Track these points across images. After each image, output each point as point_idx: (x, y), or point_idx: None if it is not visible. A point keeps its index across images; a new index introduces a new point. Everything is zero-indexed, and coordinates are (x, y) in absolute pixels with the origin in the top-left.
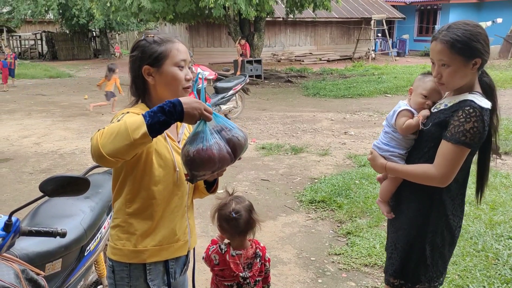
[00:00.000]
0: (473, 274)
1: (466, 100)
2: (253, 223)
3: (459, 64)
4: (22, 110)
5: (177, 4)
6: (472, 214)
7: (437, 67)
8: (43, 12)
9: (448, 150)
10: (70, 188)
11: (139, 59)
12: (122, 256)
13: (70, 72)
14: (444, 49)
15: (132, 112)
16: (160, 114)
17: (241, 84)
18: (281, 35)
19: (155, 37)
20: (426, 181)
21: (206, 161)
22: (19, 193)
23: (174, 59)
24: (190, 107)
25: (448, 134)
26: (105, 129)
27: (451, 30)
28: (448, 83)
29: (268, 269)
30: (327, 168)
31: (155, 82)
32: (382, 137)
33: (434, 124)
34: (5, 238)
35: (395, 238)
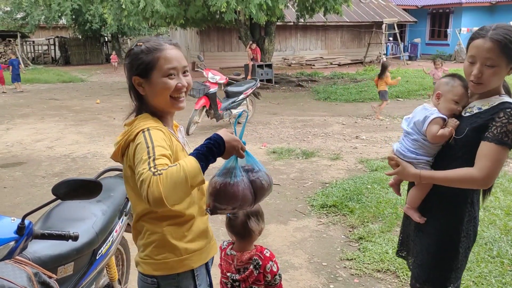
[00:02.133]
0: (488, 280)
1: (504, 102)
2: (248, 230)
3: (503, 66)
4: (35, 114)
5: (188, 9)
6: (487, 219)
7: (480, 65)
8: (57, 18)
9: (491, 151)
10: (83, 191)
11: (128, 69)
12: (169, 269)
13: (82, 77)
14: (494, 48)
15: (154, 129)
16: (211, 157)
17: (252, 89)
18: (292, 40)
19: (142, 46)
20: (468, 184)
21: (230, 196)
22: (32, 197)
23: (162, 70)
24: (230, 146)
25: (490, 135)
26: (164, 177)
27: (502, 31)
28: (487, 83)
29: (271, 282)
30: (339, 172)
31: (146, 93)
32: (409, 144)
33: (472, 129)
34: (18, 241)
35: (426, 244)
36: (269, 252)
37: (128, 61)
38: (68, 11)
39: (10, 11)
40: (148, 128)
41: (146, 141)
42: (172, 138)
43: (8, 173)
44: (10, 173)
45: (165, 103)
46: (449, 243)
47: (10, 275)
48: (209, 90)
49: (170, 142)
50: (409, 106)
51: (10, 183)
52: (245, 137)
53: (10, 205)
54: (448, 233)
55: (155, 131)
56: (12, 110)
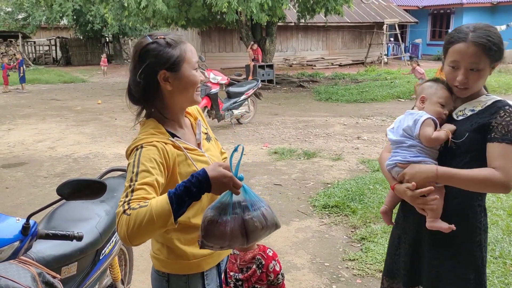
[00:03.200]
0: (491, 281)
1: (498, 101)
2: None
3: (487, 67)
4: (36, 114)
5: (189, 10)
6: (489, 220)
7: (465, 70)
8: (58, 18)
9: (506, 151)
10: (87, 191)
11: (153, 64)
12: (177, 269)
13: (83, 77)
14: (479, 52)
15: (148, 145)
16: (187, 198)
17: (254, 89)
18: (293, 40)
19: (166, 39)
20: (492, 186)
21: (216, 235)
22: (34, 197)
23: (191, 62)
24: (219, 183)
25: (498, 135)
26: (131, 218)
27: (482, 32)
28: (473, 87)
29: (274, 281)
30: (340, 173)
31: (173, 88)
32: (406, 153)
33: (473, 131)
34: (23, 241)
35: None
36: (272, 252)
37: (151, 57)
38: (70, 11)
39: (12, 11)
40: (142, 145)
41: (134, 163)
42: (169, 152)
43: (10, 173)
44: (12, 173)
45: (190, 97)
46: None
47: (15, 275)
48: (211, 91)
49: (163, 159)
50: (410, 106)
51: (12, 184)
52: (246, 138)
53: (12, 205)
54: (478, 249)
55: (147, 150)
56: (14, 111)
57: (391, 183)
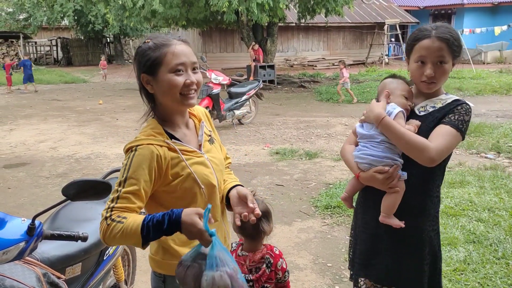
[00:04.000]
0: (494, 281)
1: (458, 99)
2: (259, 230)
3: (451, 63)
4: (38, 115)
5: (190, 10)
6: (491, 220)
7: (432, 65)
8: (59, 19)
9: (447, 132)
10: (92, 192)
11: (137, 67)
12: (172, 270)
13: (84, 77)
14: (443, 46)
15: (141, 149)
16: (158, 231)
17: (255, 89)
18: (294, 40)
19: (150, 43)
20: (418, 152)
21: (178, 277)
22: (36, 197)
23: (169, 65)
24: (188, 230)
25: (447, 119)
26: (109, 229)
27: (445, 29)
28: (440, 81)
29: (282, 279)
30: (342, 173)
31: (154, 91)
32: (375, 149)
33: (435, 124)
34: (28, 241)
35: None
36: (278, 250)
37: (136, 59)
38: (70, 12)
39: (13, 12)
40: (136, 147)
41: (126, 167)
42: (162, 155)
43: (12, 173)
44: (13, 173)
45: (174, 101)
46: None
47: (20, 276)
48: (212, 91)
49: (155, 162)
50: None
51: (14, 184)
52: (248, 138)
53: (14, 205)
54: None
55: (139, 155)
56: (15, 111)
57: (355, 171)
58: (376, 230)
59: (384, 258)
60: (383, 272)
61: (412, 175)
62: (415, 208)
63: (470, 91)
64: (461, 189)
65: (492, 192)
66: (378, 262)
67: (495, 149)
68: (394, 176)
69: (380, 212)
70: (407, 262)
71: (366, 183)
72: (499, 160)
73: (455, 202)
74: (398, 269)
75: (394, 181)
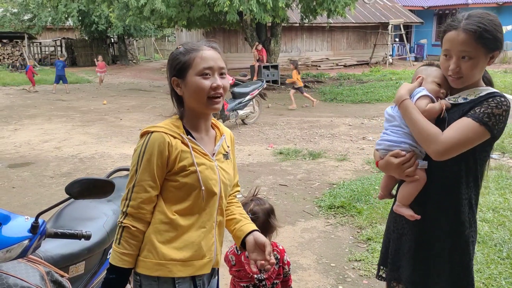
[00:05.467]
0: (498, 282)
1: (494, 92)
2: (270, 228)
3: (482, 57)
4: (42, 115)
5: (191, 10)
6: (496, 221)
7: (456, 59)
8: (63, 19)
9: (465, 125)
10: (96, 190)
11: (168, 71)
12: (147, 268)
13: (89, 78)
14: (468, 39)
15: (157, 134)
16: None
17: (258, 89)
18: (298, 41)
19: (181, 48)
20: (427, 142)
21: None
22: (40, 197)
23: (197, 68)
24: None
25: (471, 112)
26: (120, 231)
27: (475, 19)
28: (468, 76)
29: (287, 272)
30: (346, 173)
31: (183, 93)
32: (393, 134)
33: (461, 116)
34: (32, 239)
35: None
36: (281, 245)
37: (169, 64)
38: (75, 12)
39: (18, 12)
40: (153, 132)
41: (139, 155)
42: (173, 145)
43: (17, 173)
44: (18, 173)
45: (200, 103)
46: (462, 255)
47: (23, 274)
48: None
49: (166, 150)
50: None
51: (19, 183)
52: (251, 138)
53: (18, 205)
54: (458, 244)
55: (154, 138)
56: (20, 111)
57: (376, 159)
58: (403, 230)
59: (408, 261)
60: (407, 275)
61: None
62: (439, 207)
63: None
64: None
65: (496, 192)
66: (404, 265)
67: (500, 149)
68: (411, 163)
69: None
70: (434, 265)
71: (383, 170)
72: (504, 161)
73: None
74: (425, 273)
75: (411, 168)
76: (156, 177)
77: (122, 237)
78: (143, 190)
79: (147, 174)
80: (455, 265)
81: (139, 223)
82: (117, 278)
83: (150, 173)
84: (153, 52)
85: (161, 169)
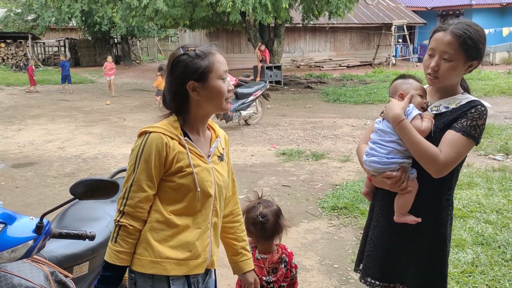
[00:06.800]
0: (502, 284)
1: (474, 101)
2: (280, 228)
3: (461, 62)
4: (46, 115)
5: (194, 10)
6: (499, 222)
7: (438, 58)
8: (67, 20)
9: (457, 140)
10: (100, 191)
11: (182, 75)
12: (141, 266)
13: (92, 78)
14: (453, 42)
15: (155, 134)
16: None
17: (261, 90)
18: (301, 41)
19: (196, 51)
20: (428, 162)
21: None
22: (44, 197)
23: (218, 72)
24: None
25: (458, 126)
26: (117, 230)
27: (462, 26)
28: (443, 77)
29: (294, 275)
30: (349, 174)
31: (200, 97)
32: (380, 150)
33: (444, 127)
34: (36, 240)
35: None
36: (289, 248)
37: (181, 68)
38: (78, 12)
39: (21, 12)
40: (150, 132)
41: (137, 156)
42: (171, 146)
43: (20, 173)
44: (22, 173)
45: (218, 106)
46: (441, 250)
47: (28, 274)
48: None
49: (164, 151)
50: None
51: (22, 183)
52: (254, 139)
53: (22, 205)
54: (438, 240)
55: (151, 142)
56: (23, 111)
57: (368, 174)
58: (377, 222)
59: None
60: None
61: (423, 178)
62: (422, 210)
63: (478, 92)
64: (469, 191)
65: (500, 193)
66: (387, 261)
67: (504, 150)
68: (403, 179)
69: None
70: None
71: (379, 186)
72: (508, 162)
73: (463, 204)
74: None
75: (404, 183)
76: (154, 177)
77: (119, 235)
78: (141, 190)
79: (145, 173)
80: (430, 261)
81: (136, 221)
82: (113, 275)
83: (148, 172)
84: (156, 52)
85: (159, 169)
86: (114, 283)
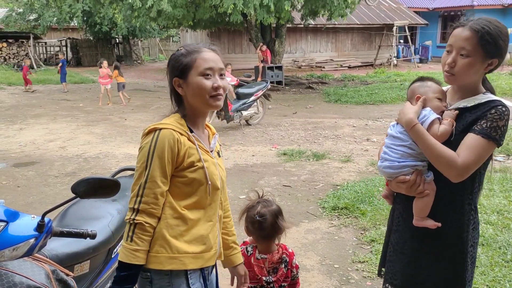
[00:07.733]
0: (502, 284)
1: (494, 100)
2: (278, 229)
3: (479, 59)
4: (47, 114)
5: (197, 11)
6: (500, 223)
7: (455, 54)
8: (68, 19)
9: (476, 143)
10: (102, 190)
11: (169, 72)
12: (159, 263)
13: (93, 78)
14: (471, 38)
15: (165, 130)
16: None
17: (263, 90)
18: (302, 42)
19: (182, 50)
20: (446, 166)
21: None
22: (45, 196)
23: (199, 69)
24: None
25: (478, 128)
26: (132, 228)
27: (482, 22)
28: (460, 75)
29: (295, 276)
30: (350, 174)
31: (185, 93)
32: (393, 155)
33: (464, 129)
34: (38, 238)
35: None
36: (291, 248)
37: (170, 66)
38: (79, 12)
39: (23, 12)
40: (161, 128)
41: (148, 153)
42: (182, 142)
43: (22, 172)
44: (23, 172)
45: (203, 102)
46: (459, 256)
47: (29, 272)
48: None
49: (175, 147)
50: None
51: (24, 182)
52: (255, 139)
53: (23, 204)
54: (457, 246)
55: (163, 135)
56: (25, 111)
57: (386, 180)
58: (398, 227)
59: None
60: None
61: (440, 182)
62: (442, 215)
63: None
64: None
65: (501, 194)
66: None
67: (505, 151)
68: (418, 182)
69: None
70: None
71: (396, 191)
72: (509, 163)
73: None
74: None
75: (420, 187)
76: (167, 172)
77: (134, 233)
78: (156, 186)
79: (159, 169)
80: (449, 267)
81: (151, 218)
82: (129, 275)
83: (161, 169)
84: (158, 52)
85: (171, 165)
86: (131, 282)
